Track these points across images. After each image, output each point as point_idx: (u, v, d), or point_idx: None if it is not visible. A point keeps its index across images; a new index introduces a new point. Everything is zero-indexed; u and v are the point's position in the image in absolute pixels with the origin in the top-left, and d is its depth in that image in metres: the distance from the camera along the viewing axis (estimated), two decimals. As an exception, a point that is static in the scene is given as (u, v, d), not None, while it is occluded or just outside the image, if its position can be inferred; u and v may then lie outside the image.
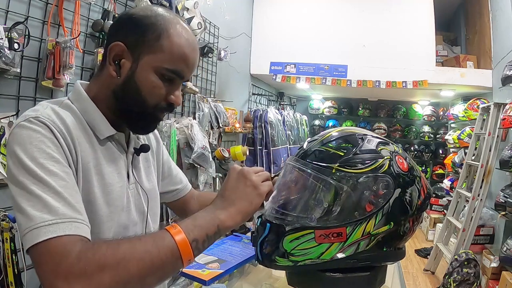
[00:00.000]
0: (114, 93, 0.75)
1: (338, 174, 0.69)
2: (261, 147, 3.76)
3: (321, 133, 0.79)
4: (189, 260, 0.61)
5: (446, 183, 5.07)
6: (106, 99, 0.76)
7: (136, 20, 0.73)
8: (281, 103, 5.47)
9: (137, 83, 0.73)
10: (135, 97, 0.73)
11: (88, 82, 0.80)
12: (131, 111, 0.75)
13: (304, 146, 0.77)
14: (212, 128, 2.79)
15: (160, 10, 0.76)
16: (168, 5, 2.04)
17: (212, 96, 3.08)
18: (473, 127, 3.81)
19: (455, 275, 3.02)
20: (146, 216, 0.86)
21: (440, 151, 6.02)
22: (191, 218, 0.65)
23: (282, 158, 3.96)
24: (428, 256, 3.98)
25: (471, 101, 4.30)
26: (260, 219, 0.75)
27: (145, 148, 0.84)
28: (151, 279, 0.59)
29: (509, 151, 2.91)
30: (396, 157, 0.72)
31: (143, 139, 0.89)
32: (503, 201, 2.85)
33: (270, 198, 0.76)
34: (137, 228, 0.83)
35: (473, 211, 3.28)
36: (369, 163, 0.69)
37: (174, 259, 0.60)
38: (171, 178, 1.01)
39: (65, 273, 0.53)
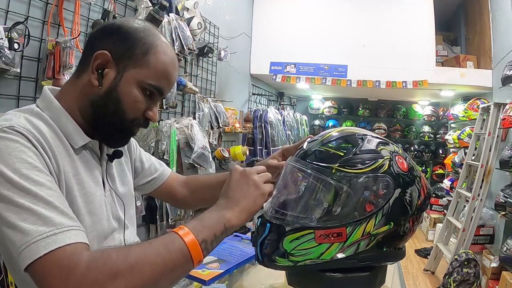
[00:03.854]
0: (92, 103, 0.73)
1: (338, 174, 0.69)
2: (261, 147, 3.77)
3: (321, 133, 0.79)
4: (199, 261, 0.61)
5: (446, 183, 5.07)
6: (82, 108, 0.73)
7: (124, 32, 0.73)
8: (281, 103, 5.47)
9: (119, 95, 0.72)
10: (115, 109, 0.72)
11: (57, 88, 0.77)
12: (108, 122, 0.74)
13: (304, 146, 0.77)
14: (212, 128, 2.79)
15: (147, 24, 0.76)
16: (168, 5, 2.04)
17: (212, 96, 3.08)
18: (473, 127, 3.80)
19: (455, 275, 3.02)
20: (124, 222, 0.85)
21: (440, 151, 6.02)
22: (198, 219, 0.65)
23: (282, 158, 3.95)
24: (428, 256, 3.98)
25: (471, 101, 4.30)
26: (260, 219, 0.75)
27: (118, 154, 0.83)
28: (163, 283, 0.58)
29: (509, 151, 2.91)
30: (396, 157, 0.72)
31: None
32: (503, 201, 2.85)
33: (270, 198, 0.76)
34: (115, 235, 0.81)
35: (473, 211, 3.28)
36: (369, 163, 0.69)
37: (185, 261, 0.59)
38: (144, 171, 1.00)
39: (76, 284, 0.51)
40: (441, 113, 6.03)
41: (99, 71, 0.71)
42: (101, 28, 0.76)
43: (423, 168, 6.13)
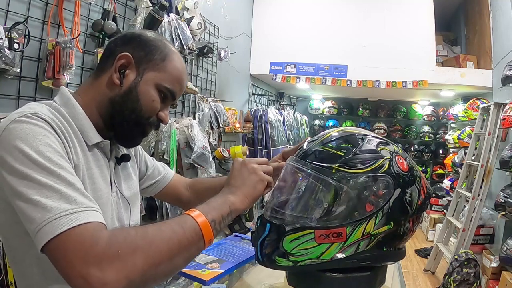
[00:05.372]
0: (111, 101, 0.78)
1: (338, 174, 0.69)
2: (261, 147, 3.76)
3: (321, 133, 0.79)
4: (209, 240, 0.65)
5: (446, 183, 5.07)
6: (100, 106, 0.78)
7: (144, 39, 0.80)
8: (281, 103, 5.47)
9: (138, 94, 0.77)
10: (134, 106, 0.78)
11: (72, 91, 0.81)
12: (125, 119, 0.78)
13: (304, 146, 0.77)
14: (212, 128, 2.78)
15: (162, 36, 0.86)
16: (168, 5, 2.04)
17: (212, 96, 3.08)
18: (473, 127, 3.80)
19: (455, 275, 3.02)
20: (129, 225, 0.86)
21: (440, 151, 6.02)
22: (205, 204, 0.69)
23: (282, 158, 3.95)
24: (428, 256, 3.98)
25: (471, 101, 4.30)
26: (260, 219, 0.75)
27: (126, 158, 0.87)
28: (178, 260, 0.61)
29: (509, 151, 2.91)
30: (396, 157, 0.72)
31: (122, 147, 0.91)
32: (503, 201, 2.85)
33: (270, 197, 0.77)
34: None
35: (473, 211, 3.28)
36: (369, 163, 0.69)
37: (197, 239, 0.63)
38: (148, 174, 1.04)
39: (97, 259, 0.52)
40: (441, 113, 6.03)
41: (121, 72, 0.77)
42: (122, 36, 0.84)
43: (423, 168, 6.14)
